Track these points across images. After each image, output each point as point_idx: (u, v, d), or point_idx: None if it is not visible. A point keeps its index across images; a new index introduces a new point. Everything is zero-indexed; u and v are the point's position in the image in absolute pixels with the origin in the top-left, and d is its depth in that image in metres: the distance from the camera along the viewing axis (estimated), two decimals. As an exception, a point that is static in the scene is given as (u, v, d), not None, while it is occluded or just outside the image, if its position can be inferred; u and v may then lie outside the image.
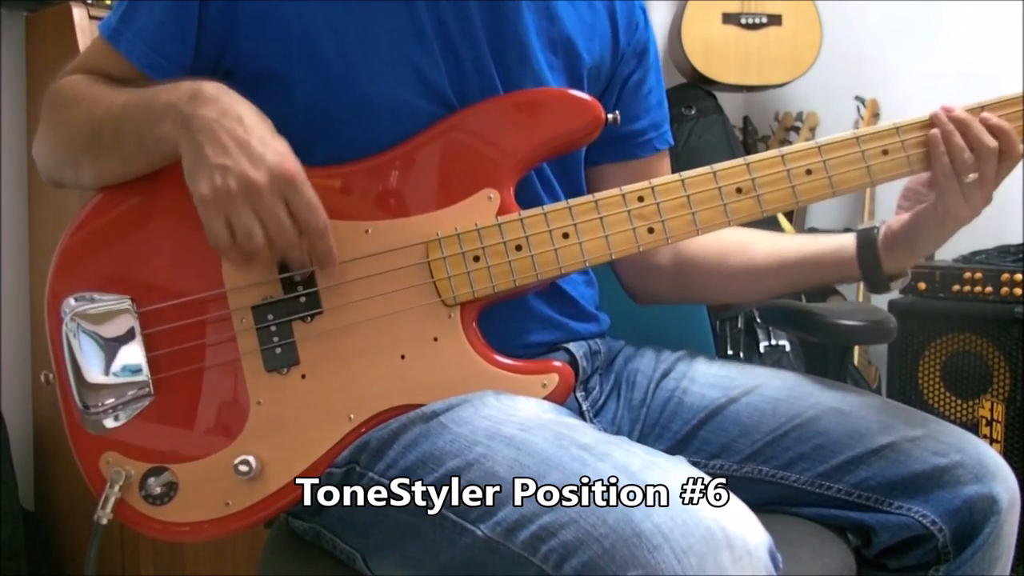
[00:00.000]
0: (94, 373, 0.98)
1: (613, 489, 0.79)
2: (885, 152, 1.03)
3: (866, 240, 1.10)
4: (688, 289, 1.24)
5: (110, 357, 0.98)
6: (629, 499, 0.78)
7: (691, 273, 1.22)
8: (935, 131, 1.02)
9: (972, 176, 1.01)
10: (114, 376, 0.98)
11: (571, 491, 0.80)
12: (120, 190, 1.02)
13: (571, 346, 1.12)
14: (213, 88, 0.94)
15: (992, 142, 1.00)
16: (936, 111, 1.02)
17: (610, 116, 1.04)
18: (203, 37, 1.02)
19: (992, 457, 1.05)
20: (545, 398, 0.98)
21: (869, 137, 1.03)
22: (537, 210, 1.01)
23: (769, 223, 2.29)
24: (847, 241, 1.11)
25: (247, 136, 0.91)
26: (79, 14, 1.76)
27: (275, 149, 0.92)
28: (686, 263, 1.22)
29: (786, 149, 1.03)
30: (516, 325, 1.08)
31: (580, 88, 1.14)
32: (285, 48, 1.01)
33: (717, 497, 0.79)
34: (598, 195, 1.01)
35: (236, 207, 0.90)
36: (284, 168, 0.91)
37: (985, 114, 1.02)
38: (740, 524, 0.77)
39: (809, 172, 1.02)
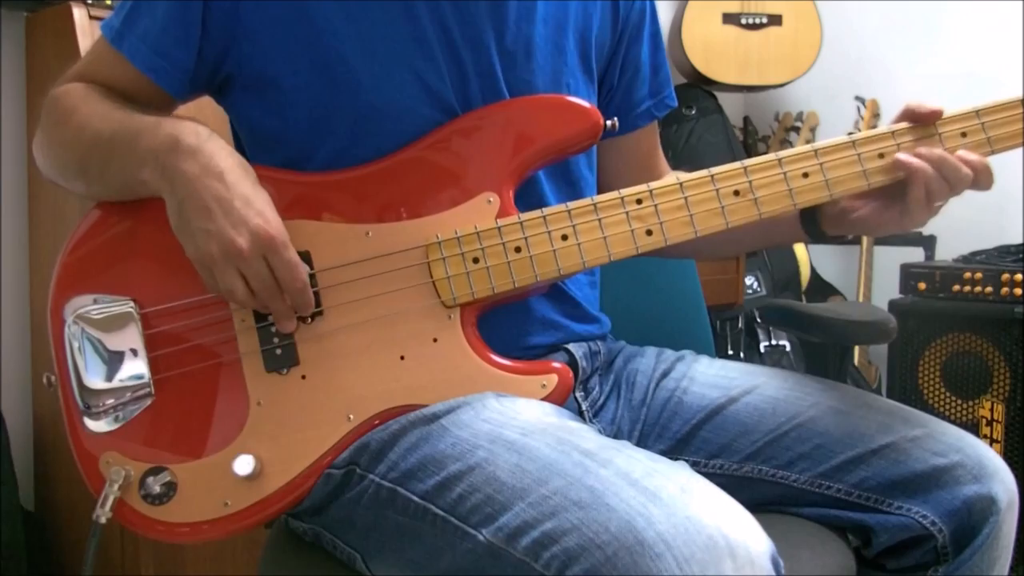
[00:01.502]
0: (96, 374, 0.98)
1: (616, 496, 0.79)
2: (881, 156, 1.03)
3: (809, 215, 1.12)
4: (662, 250, 1.26)
5: (112, 358, 0.98)
6: (631, 505, 0.77)
7: None
8: (919, 165, 1.01)
9: (940, 202, 1.03)
10: (115, 377, 0.98)
11: (573, 497, 0.80)
12: None
13: (571, 346, 1.12)
14: (193, 136, 0.95)
15: (968, 173, 1.01)
16: (902, 158, 1.02)
17: (608, 123, 1.04)
18: (206, 41, 1.02)
19: (991, 458, 1.05)
20: (544, 399, 0.98)
21: (865, 140, 1.04)
22: (536, 213, 1.01)
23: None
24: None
25: (229, 196, 0.92)
26: (79, 14, 1.76)
27: (257, 210, 0.93)
28: None
29: (783, 153, 1.03)
30: (517, 327, 1.08)
31: (588, 67, 1.15)
32: (287, 53, 1.01)
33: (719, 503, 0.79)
34: (596, 198, 1.02)
35: (219, 268, 0.92)
36: (265, 232, 0.92)
37: (961, 152, 1.02)
38: (743, 532, 0.77)
39: (806, 175, 1.03)
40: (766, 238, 1.21)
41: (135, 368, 0.98)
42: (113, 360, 0.98)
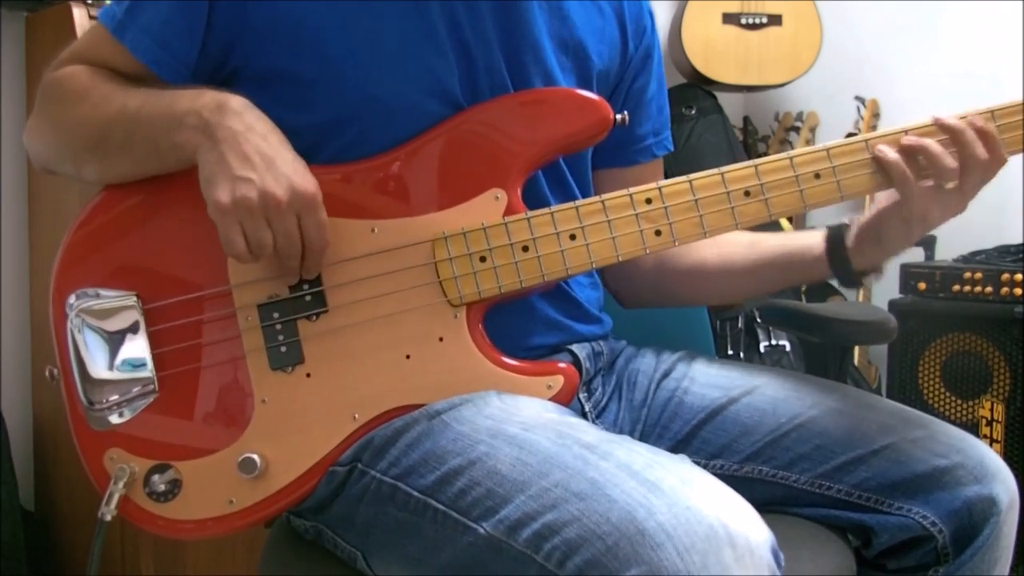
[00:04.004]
0: (99, 369, 0.98)
1: (616, 488, 0.79)
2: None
3: (835, 237, 1.09)
4: (668, 293, 1.25)
5: (115, 353, 0.98)
6: (632, 496, 0.78)
7: (670, 277, 1.22)
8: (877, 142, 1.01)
9: (952, 184, 1.00)
10: (119, 372, 0.98)
11: (574, 489, 0.80)
12: (126, 185, 1.02)
13: (574, 347, 1.12)
14: (239, 102, 0.95)
15: (984, 153, 1.00)
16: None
17: (618, 117, 1.03)
18: (211, 35, 1.02)
19: (992, 458, 1.05)
20: (550, 400, 0.98)
21: (878, 141, 1.02)
22: (544, 211, 1.00)
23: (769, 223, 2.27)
24: (818, 238, 1.11)
25: (273, 153, 0.93)
26: (79, 14, 1.76)
27: (296, 169, 0.94)
28: (666, 267, 1.22)
29: (795, 152, 1.02)
30: (520, 327, 1.07)
31: (590, 91, 1.13)
32: (295, 48, 1.01)
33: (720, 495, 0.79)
34: (605, 196, 1.01)
35: (253, 218, 0.92)
36: (306, 188, 0.93)
37: (971, 118, 1.00)
38: (743, 522, 0.77)
39: (818, 176, 1.02)
40: (783, 276, 1.16)
41: (138, 364, 0.98)
42: (116, 356, 0.98)
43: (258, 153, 0.92)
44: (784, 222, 2.76)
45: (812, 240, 1.11)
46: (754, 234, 1.15)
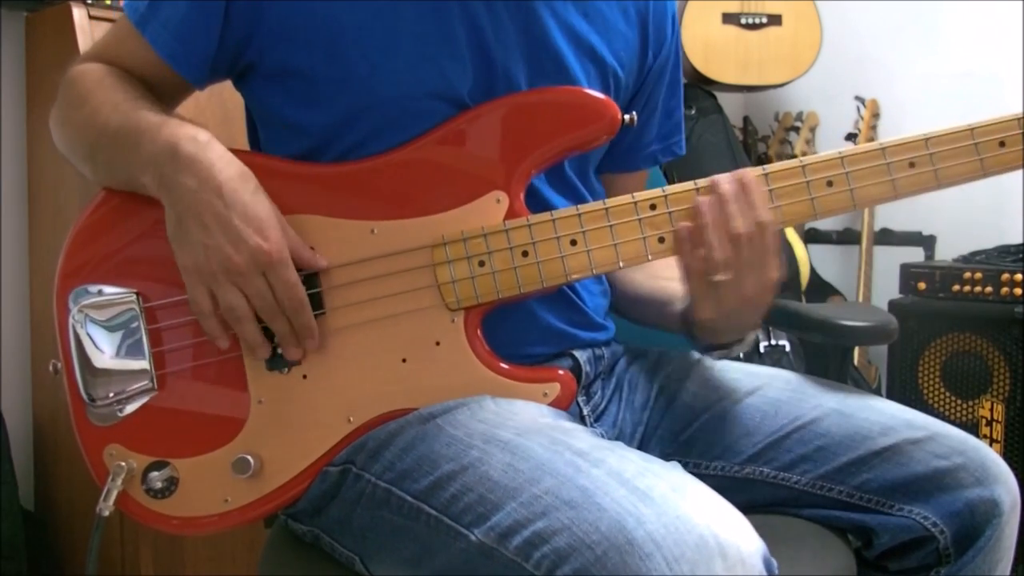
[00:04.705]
0: (99, 365, 0.98)
1: (607, 496, 0.78)
2: (912, 165, 0.98)
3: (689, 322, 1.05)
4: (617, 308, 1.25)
5: (115, 350, 0.99)
6: (621, 505, 0.77)
7: (614, 290, 1.23)
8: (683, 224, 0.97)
9: (720, 276, 0.95)
10: (118, 369, 0.98)
11: (565, 496, 0.80)
12: None
13: (575, 351, 1.11)
14: (191, 143, 0.94)
15: (763, 217, 0.94)
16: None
17: (627, 117, 1.00)
18: (228, 31, 1.02)
19: (994, 460, 1.05)
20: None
21: (896, 148, 0.98)
22: (546, 215, 0.99)
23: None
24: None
25: (227, 213, 0.92)
26: (79, 14, 1.76)
27: (256, 227, 0.92)
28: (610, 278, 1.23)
29: (807, 159, 0.98)
30: (520, 335, 1.06)
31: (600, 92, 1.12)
32: (309, 45, 1.01)
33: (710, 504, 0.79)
34: (609, 202, 0.99)
35: (219, 283, 0.92)
36: (262, 251, 0.92)
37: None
38: (733, 532, 0.77)
39: (830, 183, 0.98)
40: (659, 318, 1.15)
41: (137, 362, 0.98)
42: (115, 353, 0.98)
43: (213, 215, 0.92)
44: (790, 230, 2.76)
45: (679, 292, 1.07)
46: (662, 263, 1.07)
